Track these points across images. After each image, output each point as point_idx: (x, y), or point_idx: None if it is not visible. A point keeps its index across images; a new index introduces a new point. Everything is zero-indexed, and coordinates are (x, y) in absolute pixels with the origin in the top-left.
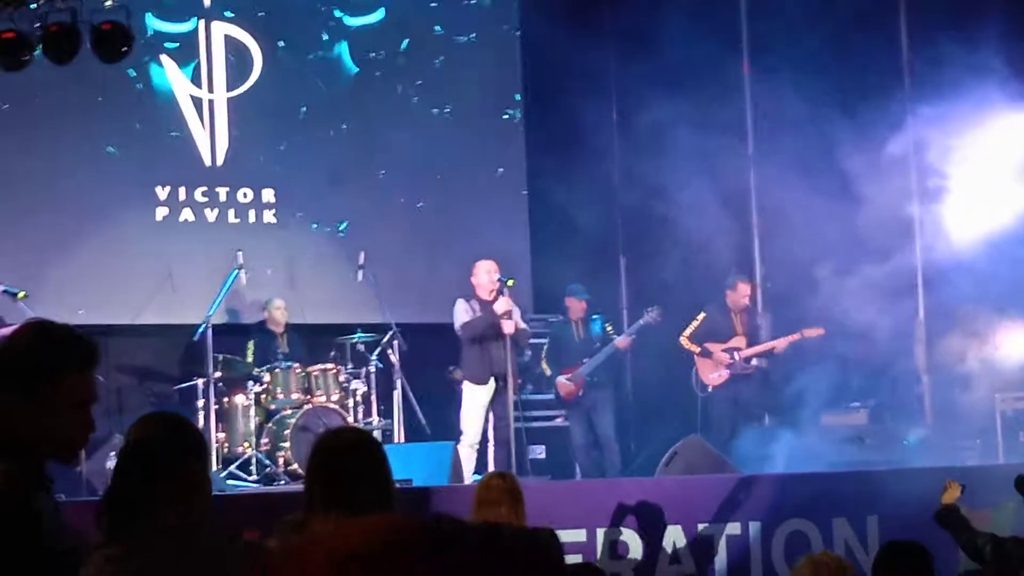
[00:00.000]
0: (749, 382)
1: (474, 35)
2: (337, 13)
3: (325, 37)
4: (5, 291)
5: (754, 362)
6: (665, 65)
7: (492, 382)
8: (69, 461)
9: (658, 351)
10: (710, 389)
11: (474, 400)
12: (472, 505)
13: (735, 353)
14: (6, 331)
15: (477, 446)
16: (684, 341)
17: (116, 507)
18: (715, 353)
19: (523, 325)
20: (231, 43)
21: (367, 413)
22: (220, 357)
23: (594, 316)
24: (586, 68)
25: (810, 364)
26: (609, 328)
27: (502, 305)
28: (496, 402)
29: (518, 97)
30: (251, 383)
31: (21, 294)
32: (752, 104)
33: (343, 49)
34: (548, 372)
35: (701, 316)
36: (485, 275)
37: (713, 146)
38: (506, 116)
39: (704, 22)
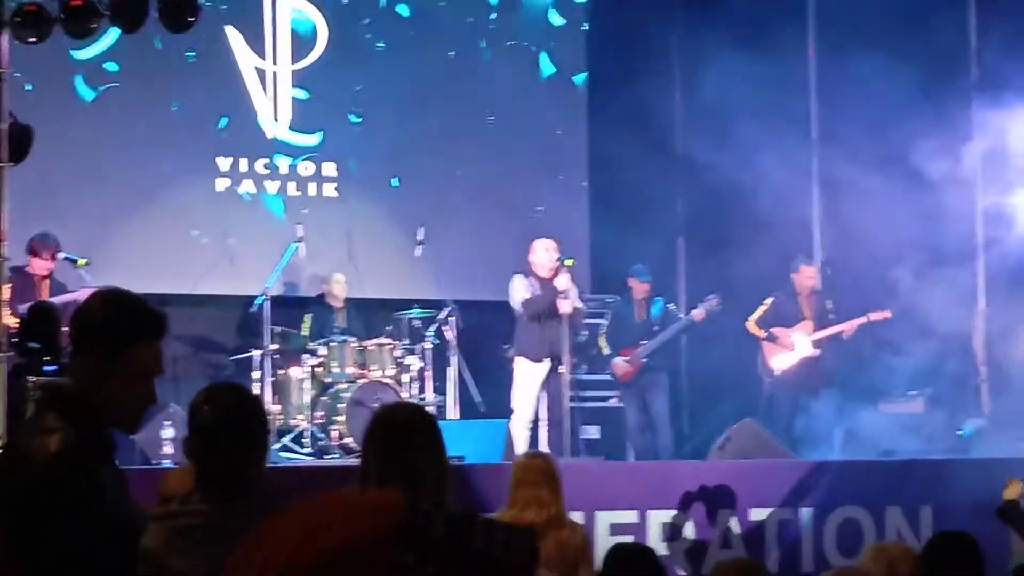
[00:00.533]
0: (815, 368)
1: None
2: None
3: (385, 6)
4: (67, 258)
5: (820, 347)
6: (731, 47)
7: (547, 361)
8: (132, 430)
9: (714, 335)
10: (777, 374)
11: (527, 378)
12: (510, 484)
13: (803, 338)
14: (68, 297)
15: (530, 425)
16: (751, 326)
17: (205, 475)
18: (782, 338)
19: (580, 305)
20: (296, 15)
21: (421, 389)
22: (277, 329)
23: (656, 298)
24: (650, 47)
25: (870, 351)
26: (673, 308)
27: (563, 282)
28: (549, 381)
29: (582, 77)
30: (307, 356)
31: (82, 261)
32: (817, 88)
33: (404, 19)
34: (606, 351)
35: (769, 301)
36: (544, 253)
37: (777, 129)
38: (572, 84)
39: (771, 4)
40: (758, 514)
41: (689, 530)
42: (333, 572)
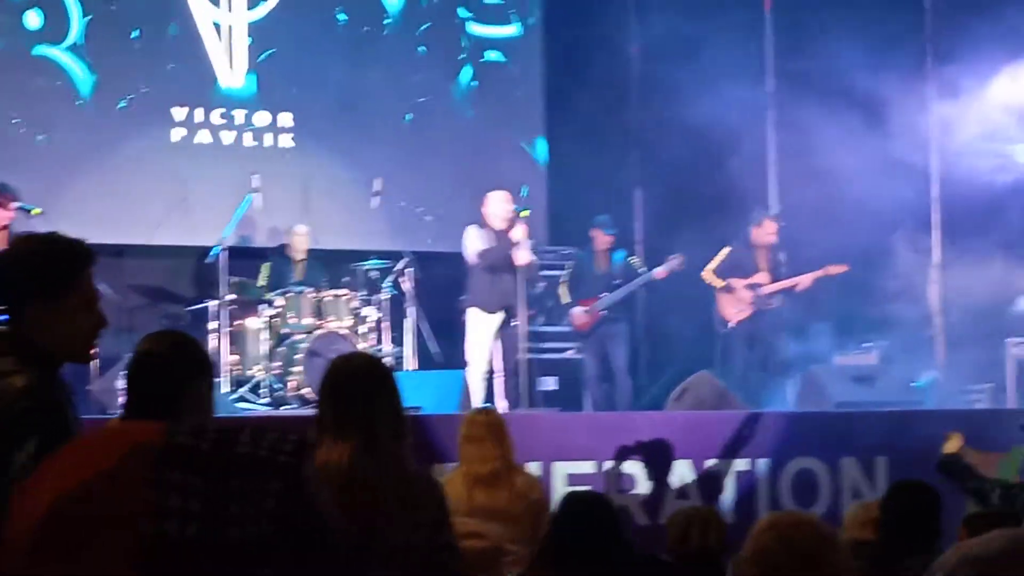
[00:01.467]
0: (767, 319)
1: None
2: None
3: None
4: (20, 207)
5: (775, 299)
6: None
7: (500, 313)
8: (86, 360)
9: (671, 287)
10: (731, 324)
11: (480, 329)
12: (459, 440)
13: (758, 289)
14: None
15: (486, 376)
16: (708, 275)
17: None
18: (738, 288)
19: (533, 257)
20: None
21: (379, 340)
22: (233, 280)
23: (618, 250)
24: (607, 6)
25: (824, 303)
26: (634, 260)
27: (519, 233)
28: (503, 333)
29: (536, 22)
30: (264, 307)
31: (36, 211)
32: (773, 40)
33: None
34: (565, 300)
35: (725, 251)
36: (498, 204)
37: (732, 81)
38: (527, 30)
39: None
40: (714, 465)
41: (645, 481)
42: (99, 495)
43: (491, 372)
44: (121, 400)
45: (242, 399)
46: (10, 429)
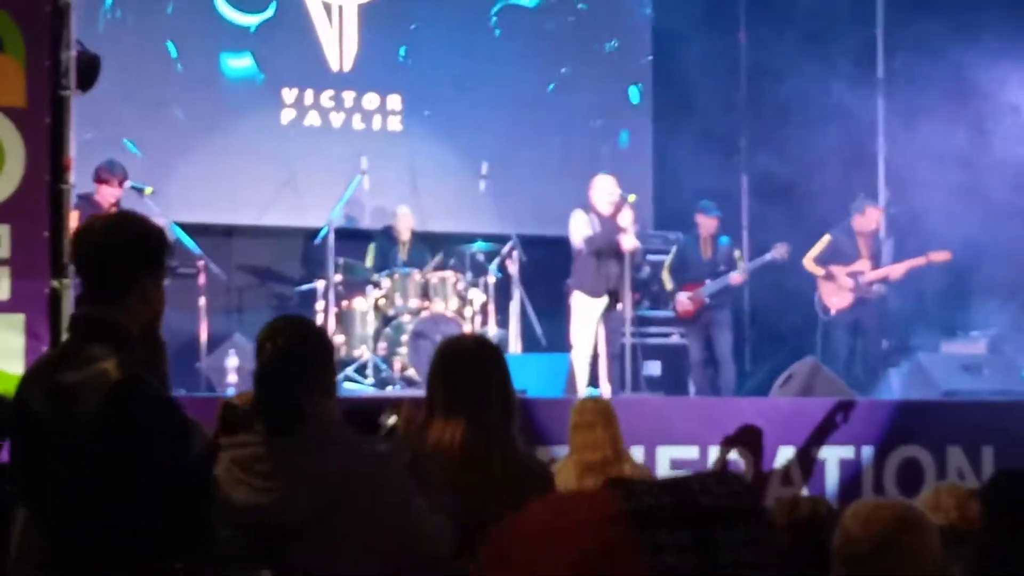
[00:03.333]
0: (871, 307)
1: None
2: None
3: None
4: (133, 187)
5: (876, 287)
6: None
7: (605, 297)
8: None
9: (777, 272)
10: (832, 312)
11: (584, 313)
12: (569, 426)
13: (859, 276)
14: None
15: (589, 360)
16: (808, 263)
17: (269, 407)
18: (839, 276)
19: (638, 242)
20: None
21: (484, 323)
22: (340, 261)
23: (723, 236)
24: None
25: (932, 291)
26: (737, 254)
27: (627, 218)
28: (607, 317)
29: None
30: (370, 288)
31: (148, 190)
32: (884, 27)
33: None
34: (669, 286)
35: (826, 239)
36: (605, 189)
37: (842, 66)
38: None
39: None
40: (819, 452)
41: (749, 466)
42: (594, 571)
43: (595, 356)
44: (233, 379)
45: (348, 379)
46: (122, 418)
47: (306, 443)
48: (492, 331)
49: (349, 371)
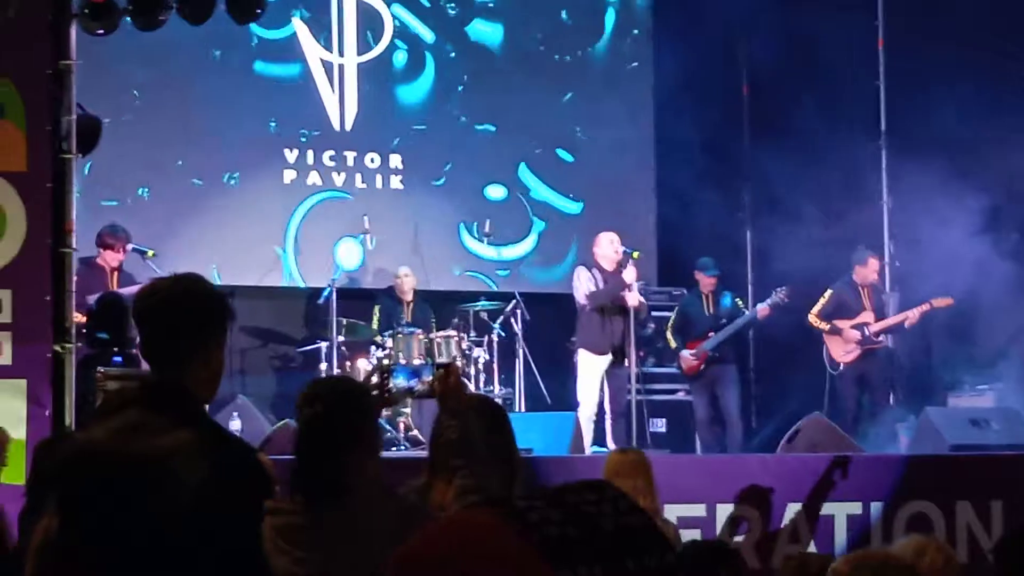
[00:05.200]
0: (876, 359)
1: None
2: None
3: (452, 5)
4: (135, 249)
5: (883, 338)
6: (795, 39)
7: (610, 354)
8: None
9: (782, 327)
10: (841, 366)
11: (590, 371)
12: (604, 477)
13: (865, 328)
14: (136, 289)
15: (595, 417)
16: (813, 319)
17: (310, 477)
18: (844, 330)
19: (642, 298)
20: (362, 8)
21: (488, 381)
22: (344, 321)
23: (725, 292)
24: (716, 43)
25: (936, 343)
26: (740, 303)
27: (631, 275)
28: (613, 374)
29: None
30: (374, 348)
31: (150, 252)
32: (886, 81)
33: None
34: (673, 344)
35: (828, 293)
36: (608, 246)
37: (845, 121)
38: (637, 75)
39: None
40: (827, 508)
41: (757, 524)
42: None
43: (601, 413)
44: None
45: None
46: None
47: (348, 512)
48: (497, 389)
49: None
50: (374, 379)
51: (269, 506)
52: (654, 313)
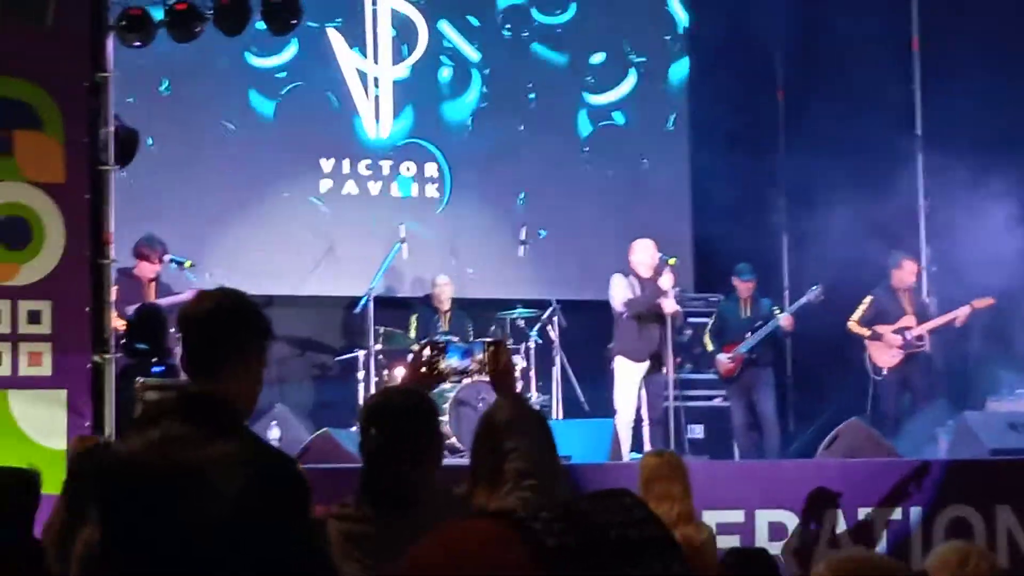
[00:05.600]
0: (919, 363)
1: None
2: None
3: (489, 9)
4: (173, 260)
5: (924, 342)
6: (828, 43)
7: (647, 361)
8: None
9: (819, 331)
10: (884, 372)
11: (627, 378)
12: (640, 482)
13: (906, 332)
14: (174, 299)
15: (632, 424)
16: (853, 326)
17: (379, 492)
18: (886, 335)
19: (678, 306)
20: (397, 17)
21: (526, 389)
22: (381, 330)
23: (762, 299)
24: (751, 50)
25: (973, 346)
26: (776, 311)
27: (667, 281)
28: (650, 381)
29: (683, 76)
30: (411, 356)
31: (188, 263)
32: (921, 82)
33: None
34: (710, 348)
35: (868, 300)
36: (645, 252)
37: (881, 124)
38: (672, 83)
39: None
40: (867, 513)
41: (796, 530)
42: None
43: (639, 420)
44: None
45: None
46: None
47: (418, 521)
48: (534, 397)
49: None
50: (425, 355)
51: (338, 512)
52: (691, 320)
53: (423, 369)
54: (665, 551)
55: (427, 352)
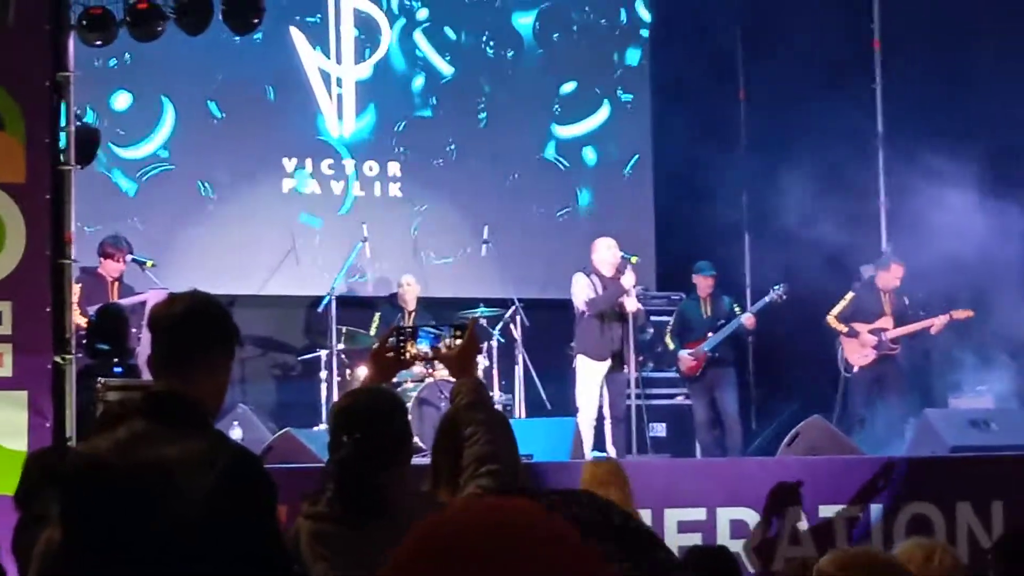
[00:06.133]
0: (893, 364)
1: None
2: None
3: (448, 12)
4: (134, 260)
5: (899, 344)
6: (792, 42)
7: (609, 360)
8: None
9: (781, 329)
10: (855, 370)
11: (589, 376)
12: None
13: (882, 334)
14: (135, 299)
15: (595, 423)
16: (832, 320)
17: (351, 497)
18: (862, 333)
19: (640, 304)
20: (360, 16)
21: (488, 388)
22: (343, 329)
23: (723, 296)
24: (713, 50)
25: (936, 345)
26: (737, 309)
27: (629, 280)
28: (611, 379)
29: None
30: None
31: (149, 263)
32: (882, 82)
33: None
34: (672, 347)
35: (850, 296)
36: (607, 251)
37: (841, 124)
38: (626, 100)
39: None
40: (827, 511)
41: (758, 528)
42: None
43: (601, 419)
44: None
45: None
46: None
47: (389, 521)
48: (497, 396)
49: None
50: (391, 341)
51: (307, 511)
52: (653, 318)
53: (389, 354)
54: (656, 540)
55: (393, 338)
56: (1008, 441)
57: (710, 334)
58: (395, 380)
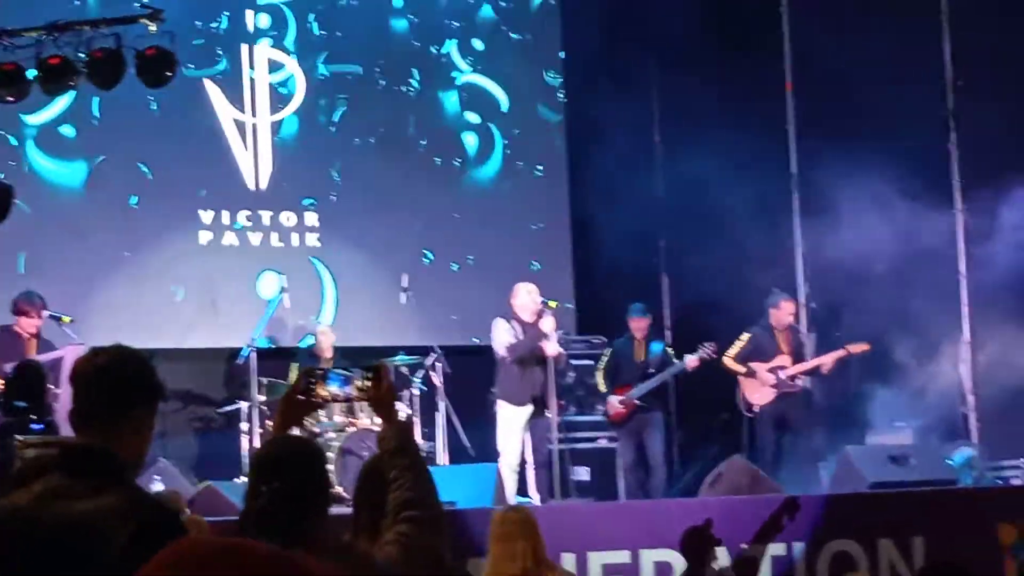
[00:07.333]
0: (794, 402)
1: (521, 35)
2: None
3: (364, 61)
4: (52, 316)
5: (799, 381)
6: (705, 78)
7: (530, 405)
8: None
9: (702, 370)
10: (756, 409)
11: (510, 422)
12: (490, 538)
13: (780, 372)
14: (54, 355)
15: (517, 468)
16: (728, 362)
17: (270, 534)
18: (760, 373)
19: (560, 348)
20: (274, 67)
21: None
22: (264, 381)
23: (655, 340)
24: (627, 83)
25: (854, 383)
26: (670, 351)
27: (549, 324)
28: (534, 424)
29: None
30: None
31: (67, 319)
32: (794, 117)
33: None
34: (603, 388)
35: (745, 337)
36: (527, 296)
37: (755, 163)
38: (551, 125)
39: (744, 27)
40: (750, 550)
41: (681, 568)
42: None
43: (524, 464)
44: None
45: None
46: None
47: None
48: (420, 443)
49: None
50: (301, 384)
51: None
52: (573, 362)
53: (300, 396)
54: None
55: (303, 381)
56: (927, 476)
57: (640, 383)
58: (316, 430)
